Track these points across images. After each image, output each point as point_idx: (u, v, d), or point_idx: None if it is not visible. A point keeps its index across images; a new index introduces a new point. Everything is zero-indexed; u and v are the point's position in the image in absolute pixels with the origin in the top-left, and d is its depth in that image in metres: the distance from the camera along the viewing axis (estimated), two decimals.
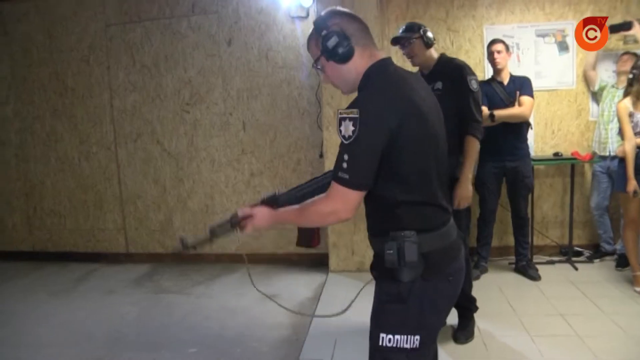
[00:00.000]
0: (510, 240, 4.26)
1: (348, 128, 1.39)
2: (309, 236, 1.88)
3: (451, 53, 4.50)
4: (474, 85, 2.87)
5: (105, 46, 4.99)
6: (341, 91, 1.66)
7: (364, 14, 4.13)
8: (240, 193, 4.90)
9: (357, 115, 1.38)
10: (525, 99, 3.91)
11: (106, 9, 4.93)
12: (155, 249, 5.16)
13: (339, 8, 1.62)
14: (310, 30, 1.61)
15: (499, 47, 3.98)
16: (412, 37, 2.92)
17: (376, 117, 1.39)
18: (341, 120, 1.41)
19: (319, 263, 4.60)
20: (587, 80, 4.39)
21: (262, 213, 1.71)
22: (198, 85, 4.85)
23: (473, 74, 2.94)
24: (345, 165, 1.41)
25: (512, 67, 4.25)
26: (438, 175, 1.53)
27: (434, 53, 3.01)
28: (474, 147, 2.89)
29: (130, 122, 5.04)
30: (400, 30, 3.00)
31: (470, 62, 4.46)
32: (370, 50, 1.57)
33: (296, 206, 1.64)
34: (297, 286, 4.21)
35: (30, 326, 3.72)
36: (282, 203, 1.74)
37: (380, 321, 1.55)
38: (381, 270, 1.54)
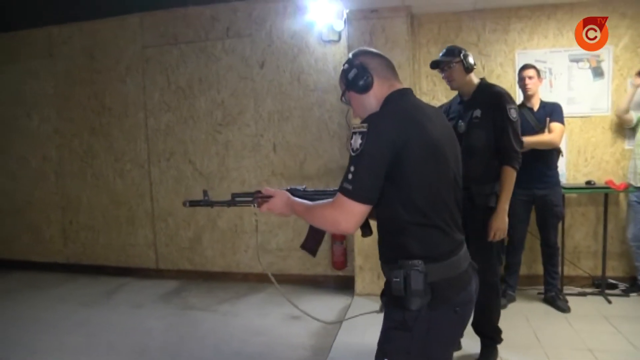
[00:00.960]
0: (540, 269, 4.15)
1: (357, 141, 1.47)
2: (314, 243, 1.89)
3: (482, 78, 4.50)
4: (513, 115, 2.84)
5: (142, 67, 5.16)
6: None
7: (394, 37, 4.20)
8: (269, 214, 4.91)
9: (365, 130, 1.46)
10: (555, 125, 3.86)
11: (144, 31, 5.12)
12: (184, 265, 5.24)
13: (366, 48, 1.77)
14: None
15: (530, 72, 3.94)
16: (452, 61, 2.90)
17: (383, 133, 1.46)
18: (352, 134, 1.49)
19: (345, 286, 4.60)
20: (623, 123, 4.27)
21: (280, 198, 1.79)
22: (230, 106, 4.95)
23: (513, 102, 2.91)
24: (350, 176, 1.48)
25: (544, 92, 4.20)
26: (449, 203, 1.56)
27: (474, 78, 2.98)
28: (511, 178, 2.84)
29: (164, 141, 5.17)
30: (441, 54, 2.99)
31: (502, 87, 4.46)
32: (391, 82, 1.67)
33: (309, 203, 1.71)
34: (321, 308, 4.20)
35: (60, 335, 3.85)
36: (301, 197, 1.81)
37: (385, 348, 1.57)
38: (389, 297, 1.56)
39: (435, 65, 3.00)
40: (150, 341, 3.69)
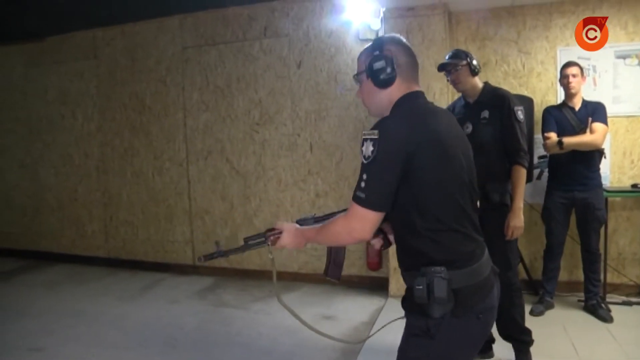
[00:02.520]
0: (581, 276, 4.00)
1: (368, 148, 1.44)
2: (335, 268, 1.87)
3: (522, 76, 4.40)
4: (520, 116, 2.90)
5: (182, 68, 5.25)
6: (369, 112, 1.72)
7: (431, 36, 4.15)
8: (305, 213, 4.94)
9: (376, 137, 1.42)
10: (597, 125, 3.70)
11: (184, 32, 5.21)
12: (220, 263, 5.26)
13: (402, 38, 1.68)
14: (368, 45, 1.67)
15: (573, 70, 3.80)
16: (458, 63, 2.95)
17: (394, 140, 1.43)
18: (364, 140, 1.46)
19: (379, 287, 4.56)
20: None
21: (288, 232, 1.76)
22: (267, 106, 4.99)
23: (519, 104, 2.95)
24: (363, 184, 1.45)
25: (588, 91, 4.04)
26: (466, 207, 1.52)
27: (479, 82, 3.03)
28: (522, 175, 2.90)
29: (202, 140, 5.25)
30: (447, 57, 3.04)
31: (542, 85, 4.36)
32: (409, 83, 1.61)
33: (318, 224, 1.71)
34: (354, 309, 4.19)
35: (96, 327, 3.97)
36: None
37: (406, 356, 1.55)
38: (411, 305, 1.52)
39: (442, 67, 3.03)
40: (182, 336, 3.76)
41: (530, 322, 3.15)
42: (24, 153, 6.23)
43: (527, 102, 3.91)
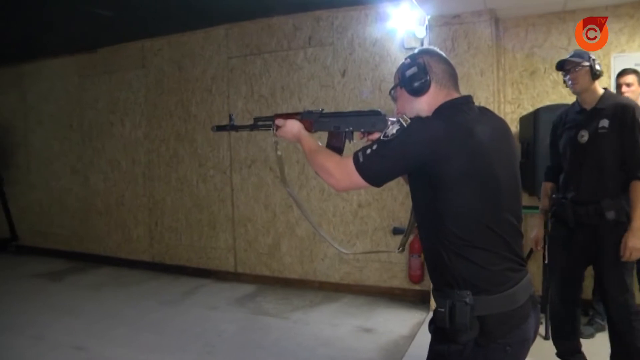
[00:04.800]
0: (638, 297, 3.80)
1: (393, 129, 1.42)
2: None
3: None
4: None
5: (227, 77, 5.32)
6: None
7: (477, 43, 4.06)
8: (347, 223, 4.92)
9: (405, 125, 1.41)
10: None
11: (229, 42, 5.28)
12: (261, 271, 5.33)
13: (435, 49, 1.64)
14: None
15: (629, 79, 3.60)
16: (580, 62, 2.73)
17: (417, 141, 1.40)
18: (394, 121, 1.46)
19: (421, 300, 4.48)
20: None
21: (292, 126, 1.83)
22: None
23: None
24: (368, 151, 1.45)
25: None
26: (499, 229, 1.41)
27: (599, 87, 2.80)
28: None
29: (246, 148, 5.29)
30: (569, 55, 2.84)
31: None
32: (449, 90, 1.55)
33: (318, 144, 1.73)
34: (394, 322, 4.11)
35: (135, 330, 4.05)
36: (318, 125, 1.86)
37: None
38: (435, 327, 1.46)
39: (560, 65, 2.82)
40: (219, 343, 3.77)
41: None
42: (76, 159, 6.46)
43: None
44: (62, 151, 6.58)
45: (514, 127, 4.19)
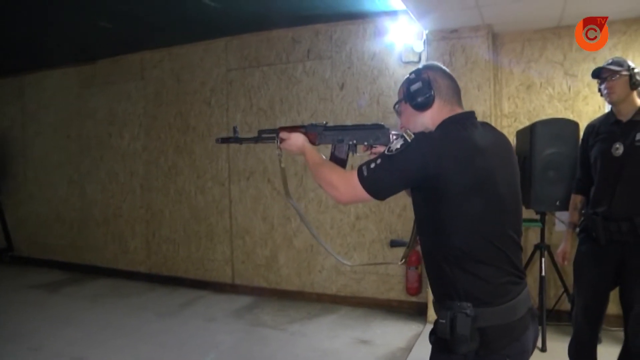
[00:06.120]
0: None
1: (397, 144, 1.44)
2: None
3: (568, 99, 4.28)
4: None
5: (226, 89, 5.36)
6: None
7: (474, 58, 4.11)
8: (344, 235, 4.94)
9: (409, 140, 1.42)
10: None
11: (228, 55, 5.33)
12: (259, 282, 5.33)
13: (439, 65, 1.68)
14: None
15: None
16: (619, 71, 2.61)
17: (420, 155, 1.41)
18: (398, 136, 1.49)
19: (419, 312, 4.48)
20: None
21: (296, 139, 1.87)
22: None
23: None
24: (373, 165, 1.47)
25: None
26: (499, 243, 1.44)
27: (637, 98, 2.65)
28: None
29: (244, 160, 5.32)
30: (606, 62, 2.72)
31: (589, 109, 4.21)
32: (452, 106, 1.58)
33: (322, 158, 1.76)
34: (392, 334, 4.12)
35: (133, 341, 4.05)
36: (322, 138, 1.90)
37: None
38: (436, 338, 1.47)
39: (597, 72, 2.70)
40: (217, 355, 3.79)
41: None
42: (74, 169, 6.47)
43: (573, 127, 3.79)
44: (60, 162, 6.58)
45: (511, 141, 4.22)
